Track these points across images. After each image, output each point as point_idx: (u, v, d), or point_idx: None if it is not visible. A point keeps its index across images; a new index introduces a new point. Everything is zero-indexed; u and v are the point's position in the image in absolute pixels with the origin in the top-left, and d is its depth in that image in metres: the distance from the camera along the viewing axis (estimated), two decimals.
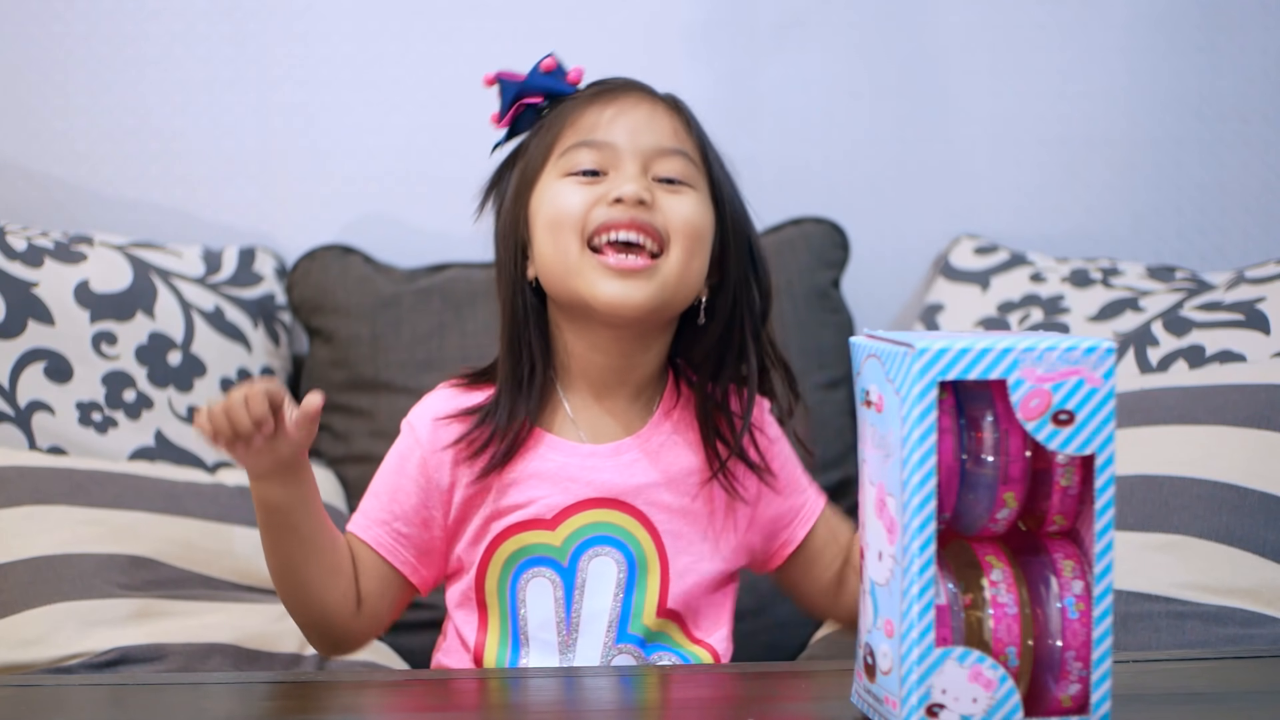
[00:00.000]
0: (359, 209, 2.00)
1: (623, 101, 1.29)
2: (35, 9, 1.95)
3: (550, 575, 1.27)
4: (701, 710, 1.15)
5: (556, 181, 1.28)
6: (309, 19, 1.98)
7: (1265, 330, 1.66)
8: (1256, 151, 2.05)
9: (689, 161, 1.29)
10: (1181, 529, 1.49)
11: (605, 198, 1.25)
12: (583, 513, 1.28)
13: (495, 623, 1.29)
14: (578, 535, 1.27)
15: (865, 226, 2.01)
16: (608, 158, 1.27)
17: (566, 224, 1.25)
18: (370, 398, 1.83)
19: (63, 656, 1.43)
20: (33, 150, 1.96)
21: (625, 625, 1.27)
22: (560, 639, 1.27)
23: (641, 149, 1.27)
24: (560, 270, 1.26)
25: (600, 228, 1.24)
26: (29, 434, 1.67)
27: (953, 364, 0.96)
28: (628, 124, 1.28)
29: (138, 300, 1.78)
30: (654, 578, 1.28)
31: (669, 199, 1.27)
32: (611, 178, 1.26)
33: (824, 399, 1.87)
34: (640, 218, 1.24)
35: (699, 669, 1.29)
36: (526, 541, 1.27)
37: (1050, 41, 2.04)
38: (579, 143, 1.27)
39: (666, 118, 1.30)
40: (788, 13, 2.02)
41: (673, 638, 1.30)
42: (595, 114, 1.28)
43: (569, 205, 1.26)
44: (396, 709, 1.17)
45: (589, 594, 1.27)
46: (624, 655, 1.28)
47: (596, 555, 1.27)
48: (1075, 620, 0.99)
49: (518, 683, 1.21)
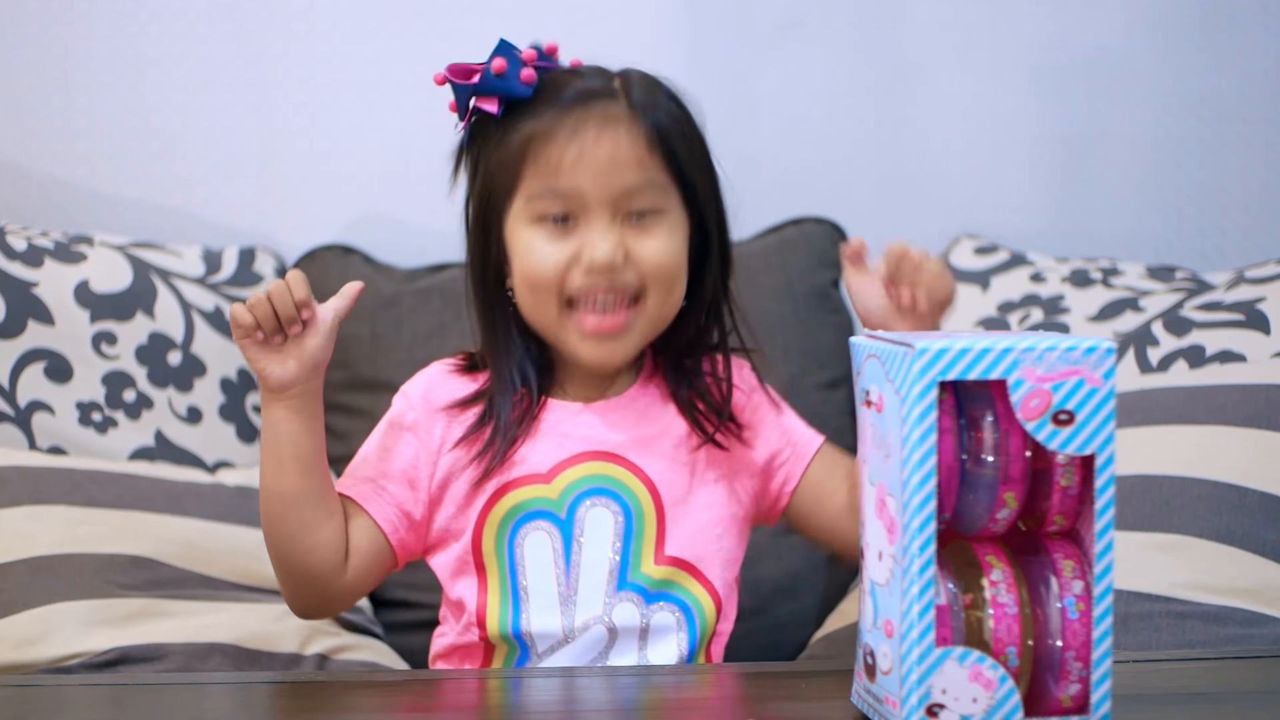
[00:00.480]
0: (359, 209, 2.00)
1: (583, 137, 1.27)
2: (35, 9, 1.95)
3: (548, 528, 1.29)
4: (701, 710, 1.16)
5: (527, 229, 1.28)
6: (309, 19, 1.99)
7: (1265, 330, 1.66)
8: (1256, 151, 2.05)
9: (657, 188, 1.29)
10: (1181, 529, 1.49)
11: (579, 260, 1.27)
12: (577, 465, 1.30)
13: (495, 582, 1.29)
14: (574, 488, 1.29)
15: (865, 226, 2.00)
16: (575, 204, 1.27)
17: (544, 286, 1.28)
18: (370, 398, 1.83)
19: (63, 656, 1.43)
20: (33, 150, 1.96)
21: (625, 574, 1.28)
22: (560, 590, 1.28)
23: (609, 194, 1.27)
24: (541, 324, 1.30)
25: (578, 294, 1.27)
26: (29, 434, 1.67)
27: (953, 364, 0.96)
28: (592, 166, 1.26)
29: (138, 300, 1.78)
30: (650, 526, 1.30)
31: (640, 243, 1.28)
32: (582, 229, 1.27)
33: (824, 399, 1.87)
34: (616, 281, 1.27)
35: (699, 669, 1.29)
36: (523, 497, 1.29)
37: (1050, 41, 2.04)
38: (545, 190, 1.27)
39: (630, 145, 1.27)
40: (788, 13, 2.02)
41: (681, 584, 1.30)
42: (558, 152, 1.27)
43: (544, 267, 1.27)
44: (396, 709, 1.17)
45: (587, 543, 1.28)
46: (625, 603, 1.28)
47: (593, 506, 1.29)
48: (1075, 620, 0.99)
49: (518, 683, 1.21)
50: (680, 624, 1.29)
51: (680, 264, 1.31)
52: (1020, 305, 1.88)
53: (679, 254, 1.30)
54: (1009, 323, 1.86)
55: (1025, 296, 1.88)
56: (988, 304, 1.90)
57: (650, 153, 1.29)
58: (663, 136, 1.29)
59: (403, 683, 1.31)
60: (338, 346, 1.88)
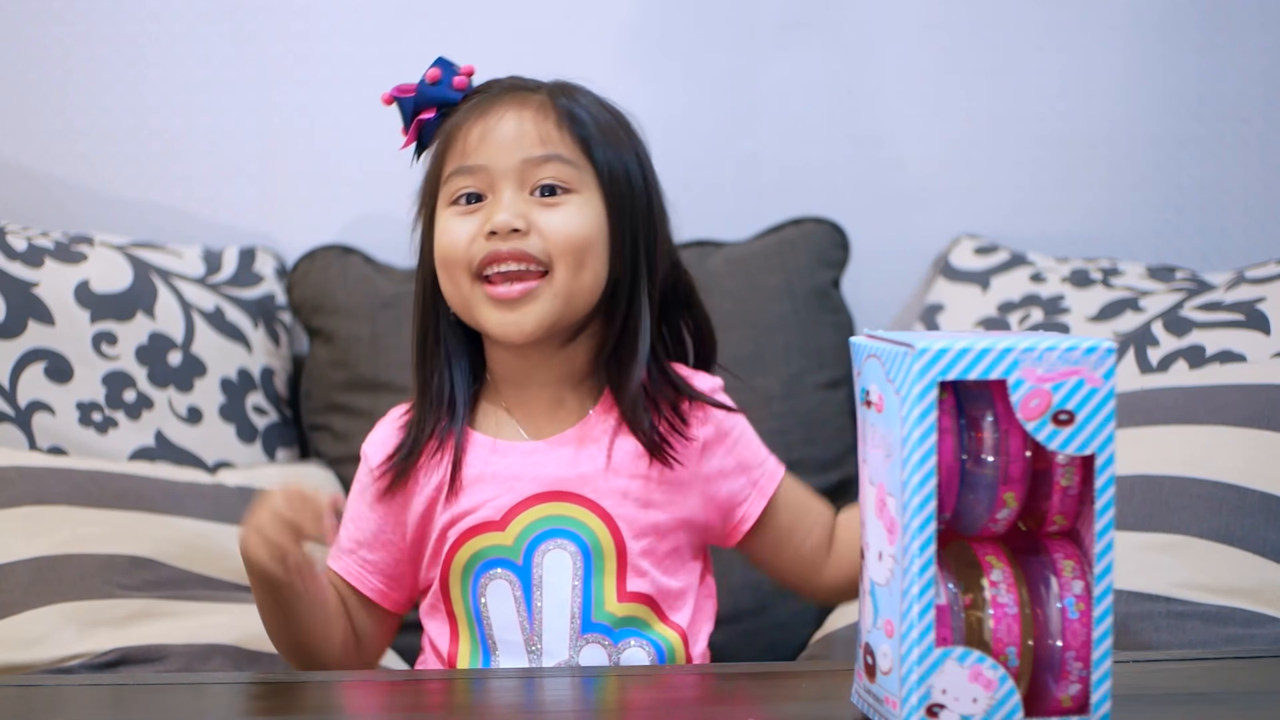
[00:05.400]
0: (359, 209, 2.00)
1: (490, 116, 1.29)
2: (35, 9, 1.95)
3: (507, 576, 1.28)
4: (702, 710, 1.15)
5: (444, 212, 1.30)
6: (309, 19, 1.99)
7: (1265, 330, 1.66)
8: (1256, 151, 2.05)
9: (565, 163, 1.28)
10: (1181, 529, 1.49)
11: (483, 229, 1.27)
12: (531, 509, 1.28)
13: (464, 630, 1.30)
14: (528, 532, 1.28)
15: (865, 226, 2.01)
16: (483, 180, 1.28)
17: (454, 261, 1.28)
18: (370, 398, 1.83)
19: (63, 657, 1.43)
20: (33, 150, 1.96)
21: (588, 614, 1.27)
22: (525, 638, 1.27)
23: (513, 165, 1.27)
24: (460, 305, 1.30)
25: (484, 261, 1.27)
26: (29, 434, 1.67)
27: (953, 364, 0.96)
28: (496, 140, 1.28)
29: (138, 300, 1.78)
30: (610, 562, 1.28)
31: (546, 215, 1.27)
32: (490, 202, 1.28)
33: (824, 399, 1.87)
34: (519, 248, 1.26)
35: (699, 669, 1.29)
36: (480, 545, 1.28)
37: (1050, 41, 2.04)
38: (456, 169, 1.29)
39: (534, 123, 1.28)
40: (788, 13, 2.02)
41: (644, 621, 1.29)
42: (466, 134, 1.29)
43: (454, 242, 1.28)
44: (396, 709, 1.17)
45: (547, 588, 1.27)
46: (592, 645, 1.27)
47: (549, 550, 1.28)
48: (1075, 620, 0.99)
49: (524, 682, 1.21)
50: (651, 657, 1.28)
51: (591, 241, 1.28)
52: (1020, 305, 1.88)
53: (589, 230, 1.28)
54: (1009, 323, 1.86)
55: (1025, 296, 1.88)
56: (988, 304, 1.90)
57: (559, 130, 1.29)
58: (574, 119, 1.29)
59: (402, 683, 1.31)
60: (338, 346, 1.89)
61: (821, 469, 1.83)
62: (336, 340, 1.88)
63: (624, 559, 1.28)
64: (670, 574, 1.30)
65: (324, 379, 1.88)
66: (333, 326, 1.88)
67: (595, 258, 1.28)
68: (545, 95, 1.30)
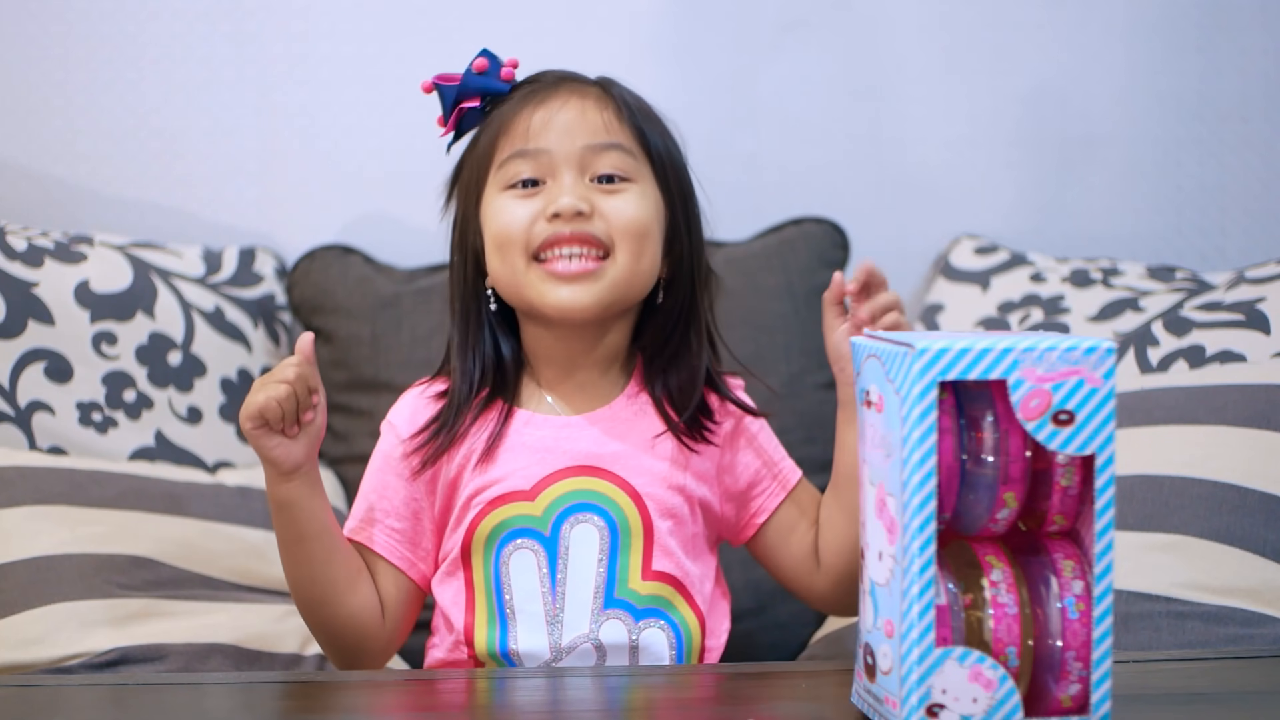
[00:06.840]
0: (359, 209, 2.00)
1: (551, 102, 1.30)
2: (35, 9, 1.95)
3: (533, 546, 1.28)
4: (702, 710, 1.16)
5: (499, 196, 1.30)
6: (309, 19, 1.99)
7: (1265, 330, 1.66)
8: (1256, 151, 2.05)
9: (625, 153, 1.30)
10: (1181, 529, 1.49)
11: (545, 212, 1.27)
12: (561, 480, 1.29)
13: (481, 600, 1.30)
14: (558, 504, 1.29)
15: (865, 226, 2.01)
16: (543, 165, 1.29)
17: (512, 242, 1.28)
18: (370, 398, 1.83)
19: (63, 656, 1.43)
20: (33, 150, 1.96)
21: (611, 590, 1.28)
22: (547, 609, 1.28)
23: (574, 151, 1.29)
24: (511, 285, 1.30)
25: (544, 244, 1.27)
26: (29, 434, 1.67)
27: (953, 364, 0.96)
28: (558, 126, 1.29)
29: (138, 300, 1.78)
30: (637, 540, 1.29)
31: (609, 201, 1.28)
32: (549, 187, 1.29)
33: (824, 399, 1.87)
34: (581, 230, 1.27)
35: (699, 669, 1.29)
36: (507, 514, 1.29)
37: (1050, 41, 2.04)
38: (514, 153, 1.30)
39: (597, 111, 1.31)
40: (788, 13, 2.02)
41: (669, 601, 1.30)
42: (526, 119, 1.30)
43: (512, 223, 1.28)
44: (396, 709, 1.17)
45: (573, 561, 1.28)
46: (613, 620, 1.28)
47: (578, 523, 1.29)
48: (1075, 620, 0.99)
49: (518, 683, 1.21)
50: (670, 640, 1.29)
51: (651, 228, 1.30)
52: (1020, 305, 1.88)
53: (650, 218, 1.30)
54: (1009, 323, 1.86)
55: (1025, 296, 1.88)
56: (988, 304, 1.90)
57: (619, 121, 1.31)
58: (632, 112, 1.32)
59: (403, 683, 1.31)
60: (338, 346, 1.89)
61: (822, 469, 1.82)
62: (336, 340, 1.88)
63: (650, 537, 1.29)
64: (693, 558, 1.32)
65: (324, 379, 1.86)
66: (333, 327, 1.88)
67: (653, 245, 1.30)
68: (600, 87, 1.33)
